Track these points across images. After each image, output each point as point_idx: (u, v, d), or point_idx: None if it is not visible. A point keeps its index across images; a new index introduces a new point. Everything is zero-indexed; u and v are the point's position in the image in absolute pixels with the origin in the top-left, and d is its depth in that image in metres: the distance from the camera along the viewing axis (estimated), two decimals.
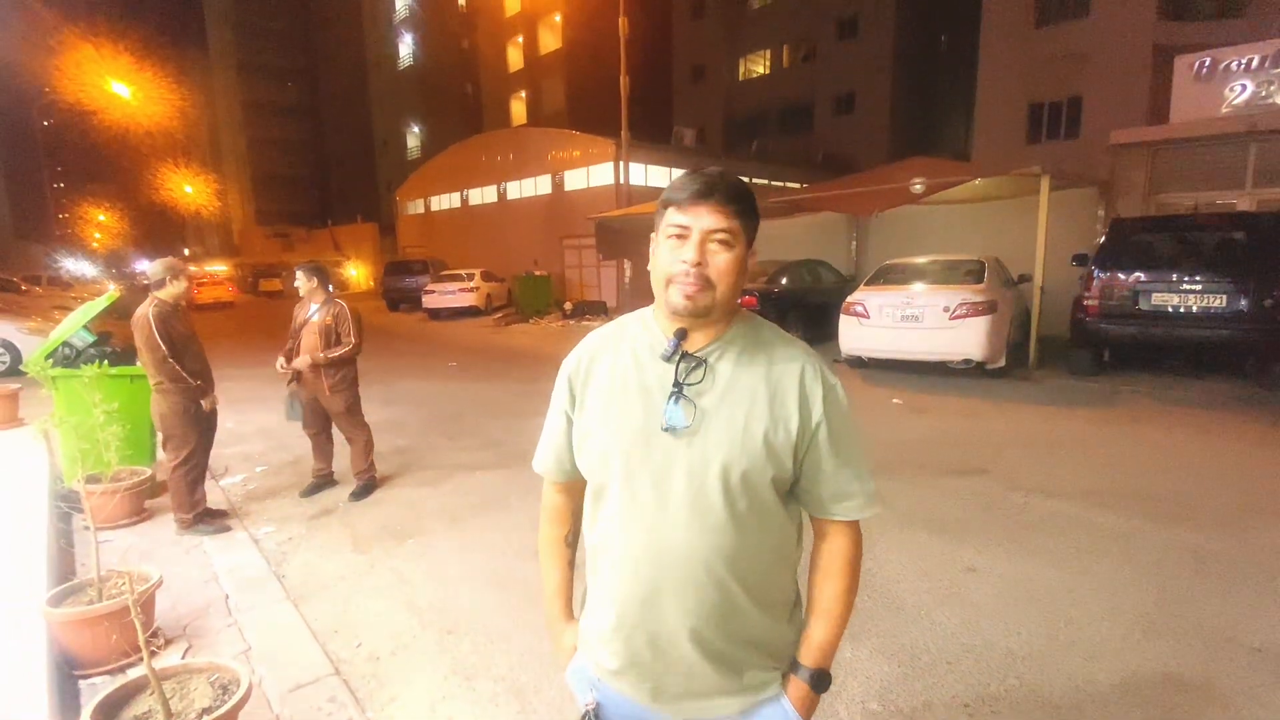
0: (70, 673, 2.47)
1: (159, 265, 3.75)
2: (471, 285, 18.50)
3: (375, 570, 3.40)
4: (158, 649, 2.56)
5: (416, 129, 42.70)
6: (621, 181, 18.28)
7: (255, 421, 6.43)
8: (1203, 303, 6.59)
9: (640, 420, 1.03)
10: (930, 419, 6.15)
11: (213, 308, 23.75)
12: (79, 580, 2.70)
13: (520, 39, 34.45)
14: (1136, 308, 6.90)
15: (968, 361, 7.31)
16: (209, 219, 56.27)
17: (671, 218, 1.02)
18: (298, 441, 5.67)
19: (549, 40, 32.98)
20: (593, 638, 1.15)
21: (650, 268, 1.07)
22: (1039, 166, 8.16)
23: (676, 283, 1.00)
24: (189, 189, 49.25)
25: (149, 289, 3.74)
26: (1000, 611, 2.84)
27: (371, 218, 39.99)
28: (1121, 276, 7.02)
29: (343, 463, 4.67)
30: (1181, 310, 6.68)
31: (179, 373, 3.60)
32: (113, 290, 8.14)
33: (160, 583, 2.65)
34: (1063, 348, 8.16)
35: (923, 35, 26.49)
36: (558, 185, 21.84)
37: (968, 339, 7.14)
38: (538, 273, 19.22)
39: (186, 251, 54.14)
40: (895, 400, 6.88)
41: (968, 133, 21.37)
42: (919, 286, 7.76)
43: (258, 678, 2.45)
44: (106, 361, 4.17)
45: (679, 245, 1.01)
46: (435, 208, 29.05)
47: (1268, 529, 3.58)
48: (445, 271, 20.17)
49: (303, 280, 4.33)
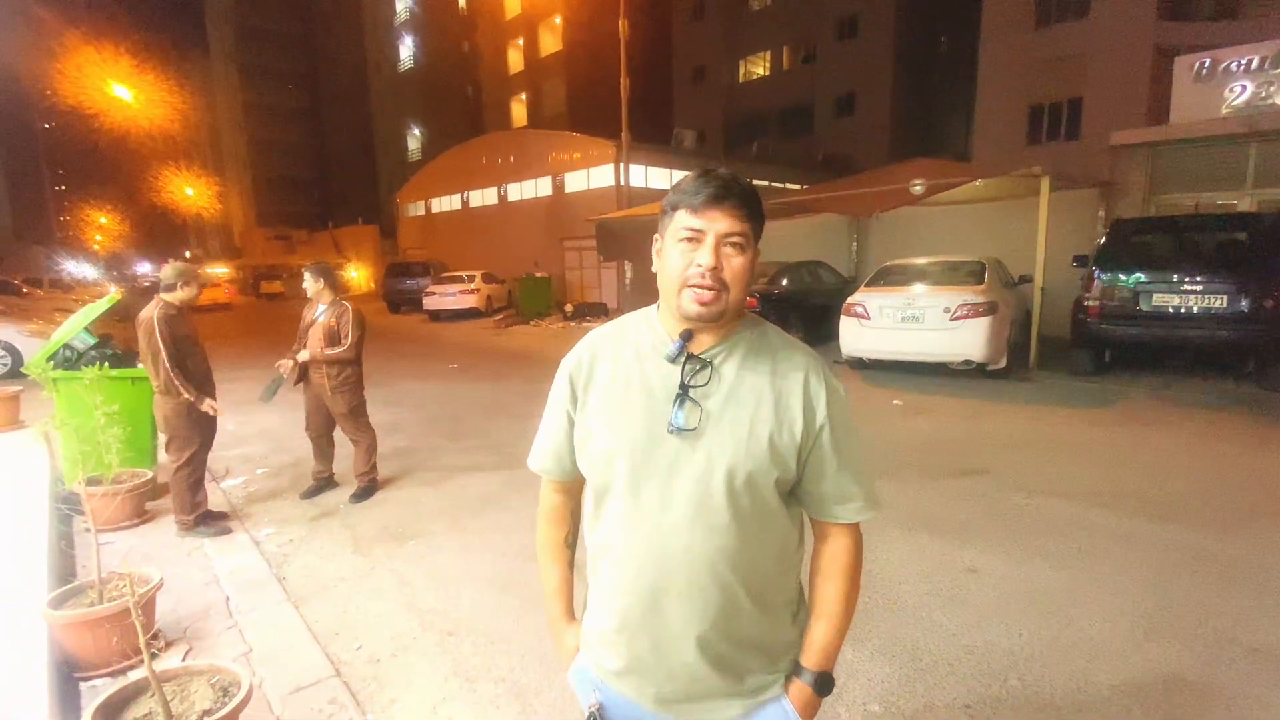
0: (71, 675, 2.47)
1: (172, 269, 3.76)
2: (472, 287, 18.53)
3: (376, 572, 3.40)
4: (158, 651, 2.56)
5: (417, 131, 42.79)
6: (622, 183, 18.30)
7: (256, 424, 6.43)
8: (1203, 303, 6.59)
9: (644, 421, 1.03)
10: (931, 420, 6.15)
11: (209, 309, 23.69)
12: (80, 582, 2.70)
13: (521, 41, 34.55)
14: (1137, 308, 6.90)
15: (968, 362, 7.30)
16: (210, 221, 56.41)
17: (684, 221, 1.00)
18: (299, 444, 5.68)
19: (549, 42, 33.06)
20: (595, 639, 1.14)
21: (657, 270, 1.06)
22: (1039, 167, 8.17)
23: (691, 287, 0.99)
24: (190, 191, 49.36)
25: (156, 291, 3.74)
26: (1001, 613, 2.84)
27: (372, 220, 40.04)
28: (1122, 277, 7.01)
29: (343, 465, 4.67)
30: (1182, 311, 6.67)
31: (172, 381, 3.61)
32: (114, 292, 8.16)
33: (161, 585, 2.65)
34: (1063, 348, 8.15)
35: (923, 36, 26.52)
36: (558, 187, 21.87)
37: (968, 340, 7.13)
38: (538, 274, 19.24)
39: (188, 254, 54.20)
40: (896, 401, 6.88)
41: (968, 134, 21.40)
42: (919, 288, 7.75)
43: (258, 680, 2.45)
44: (107, 364, 4.18)
45: (692, 249, 0.99)
46: (436, 210, 29.08)
47: (1269, 529, 3.58)
48: (446, 273, 20.19)
49: (310, 282, 4.35)
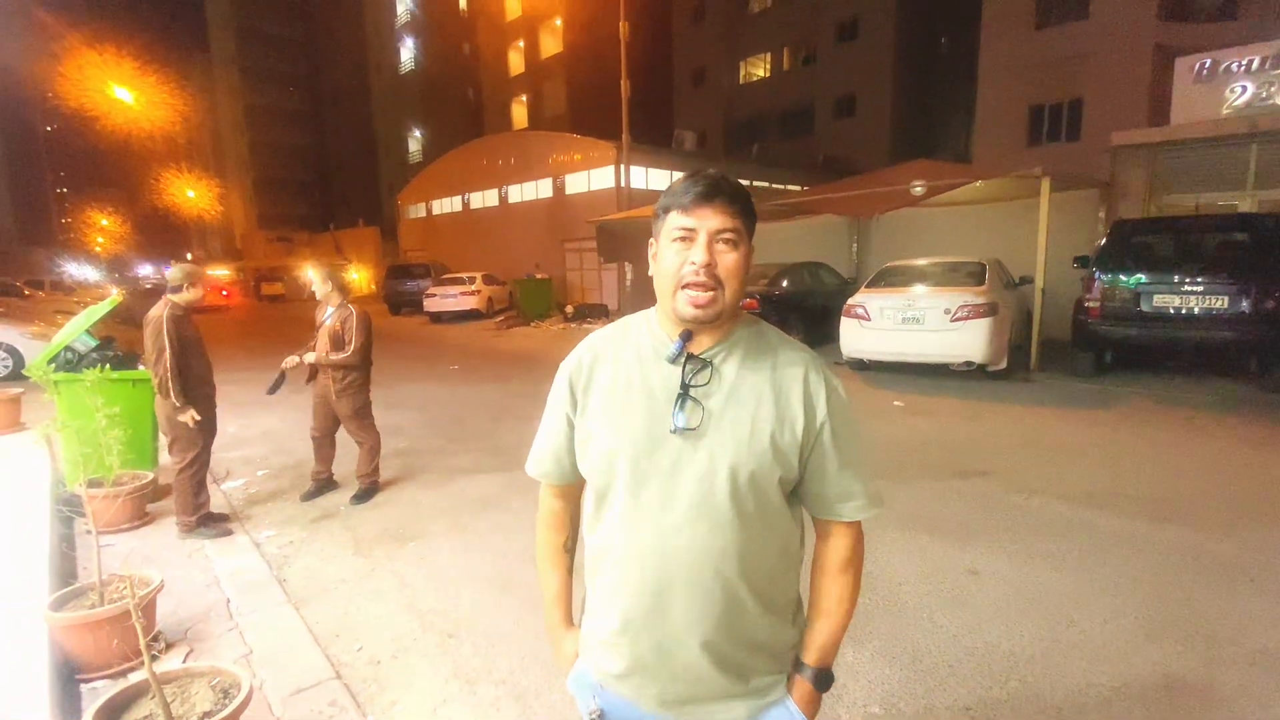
0: (72, 676, 2.47)
1: (179, 270, 3.81)
2: (473, 289, 18.54)
3: (376, 573, 3.40)
4: (159, 653, 2.56)
5: (418, 133, 42.84)
6: (622, 185, 18.32)
7: (257, 425, 6.44)
8: (1204, 304, 6.57)
9: (646, 422, 1.03)
10: (932, 421, 6.14)
11: (207, 311, 23.61)
12: (81, 584, 2.70)
13: (521, 43, 34.61)
14: (1138, 309, 6.89)
15: (969, 364, 7.29)
16: (211, 223, 56.47)
17: (675, 221, 1.01)
18: (299, 445, 5.69)
19: (550, 44, 33.11)
20: (596, 642, 1.14)
21: (653, 274, 1.06)
22: (1040, 168, 8.16)
23: (686, 287, 1.00)
24: (191, 193, 49.44)
25: (158, 292, 3.77)
26: (1002, 614, 2.83)
27: (373, 222, 40.09)
28: (1123, 278, 7.00)
29: (343, 466, 4.67)
30: (1183, 312, 6.66)
31: (165, 382, 3.62)
32: (115, 295, 8.17)
33: (161, 587, 2.65)
34: (1064, 350, 8.14)
35: (923, 37, 26.54)
36: (559, 189, 21.89)
37: (969, 341, 7.13)
38: (539, 276, 19.26)
39: (189, 256, 54.31)
40: (897, 402, 6.88)
41: (968, 135, 21.41)
42: (920, 289, 7.75)
43: (259, 681, 2.45)
44: (109, 366, 4.19)
45: (685, 247, 1.00)
46: (437, 211, 29.11)
47: (1270, 531, 3.58)
48: (446, 275, 20.21)
49: (319, 284, 4.39)
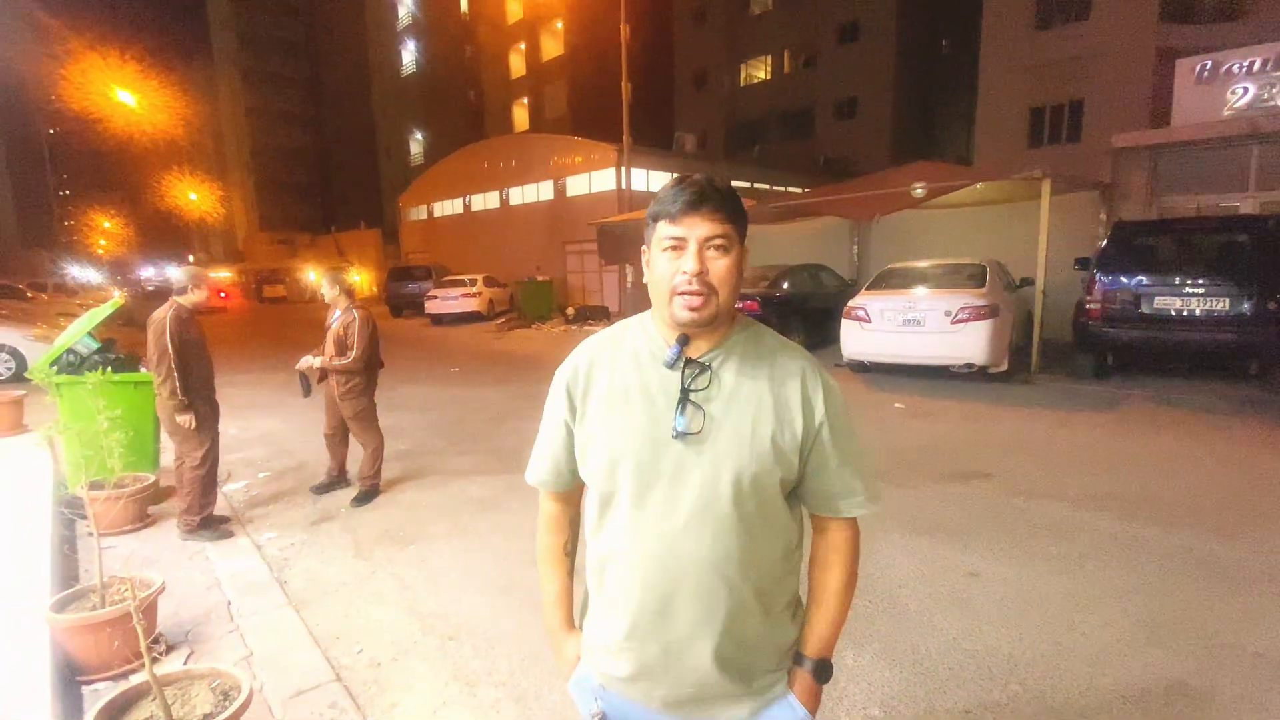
0: (73, 678, 2.48)
1: (185, 273, 3.86)
2: (474, 291, 18.57)
3: (377, 576, 3.41)
4: (160, 655, 2.57)
5: (419, 135, 42.92)
6: (623, 187, 18.35)
7: (258, 427, 6.45)
8: (1206, 306, 6.57)
9: (647, 427, 1.03)
10: (932, 423, 6.14)
11: (205, 313, 23.53)
12: (82, 586, 2.71)
13: (523, 46, 34.69)
14: (1139, 311, 6.88)
15: (970, 366, 7.29)
16: (213, 225, 56.55)
17: (665, 230, 1.01)
18: (300, 447, 5.70)
19: (551, 47, 33.18)
20: (599, 646, 1.14)
21: (647, 281, 1.07)
22: (1040, 170, 8.17)
23: (680, 294, 1.00)
24: (193, 196, 49.54)
25: (160, 295, 3.79)
26: (1003, 617, 2.83)
27: (375, 224, 40.11)
28: (1124, 280, 7.00)
29: (354, 466, 4.70)
30: (1184, 314, 6.66)
31: (168, 383, 3.63)
32: (117, 297, 8.20)
33: (162, 589, 2.66)
34: (1065, 351, 8.14)
35: (924, 39, 26.56)
36: (560, 191, 21.92)
37: (970, 343, 7.13)
38: (540, 278, 19.28)
39: (191, 258, 54.40)
40: (897, 404, 6.87)
41: (969, 137, 21.41)
42: (921, 291, 7.75)
43: (259, 683, 2.45)
44: (110, 368, 4.21)
45: (676, 256, 1.01)
46: (438, 214, 29.16)
47: (1271, 533, 3.57)
48: (448, 277, 20.24)
49: (326, 288, 4.47)
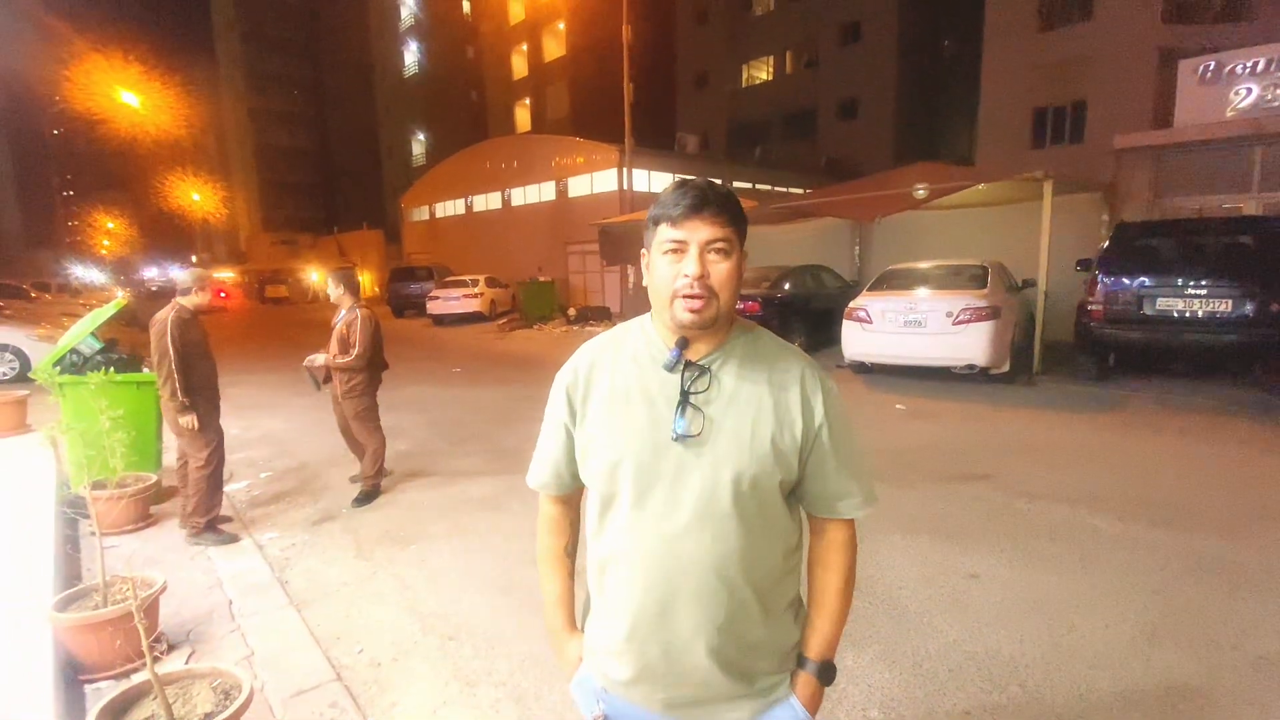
0: (75, 677, 2.49)
1: (189, 274, 3.90)
2: (476, 291, 18.59)
3: (377, 576, 3.41)
4: (161, 654, 2.58)
5: (422, 136, 43.00)
6: (625, 188, 18.37)
7: (260, 428, 6.47)
8: (1208, 307, 6.55)
9: (647, 430, 1.04)
10: (933, 424, 6.13)
11: (205, 313, 23.51)
12: (84, 585, 2.72)
13: (525, 47, 34.73)
14: (1141, 312, 6.86)
15: (971, 367, 7.28)
16: (216, 226, 56.67)
17: (666, 233, 1.02)
18: (302, 448, 5.72)
19: (553, 48, 33.21)
20: (600, 648, 1.14)
21: (647, 284, 1.07)
22: (1042, 171, 8.15)
23: (681, 298, 1.00)
24: (196, 197, 49.62)
25: (162, 295, 3.81)
26: (1003, 618, 2.83)
27: (377, 225, 40.16)
28: (1126, 281, 6.98)
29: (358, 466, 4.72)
30: (1187, 315, 6.64)
31: (169, 384, 3.64)
32: (120, 297, 8.23)
33: (164, 588, 2.67)
34: (1067, 353, 8.12)
35: (926, 40, 26.55)
36: (561, 192, 21.94)
37: (971, 344, 7.12)
38: (542, 279, 19.30)
39: (194, 259, 54.54)
40: (899, 406, 6.87)
41: (971, 137, 21.38)
42: (922, 292, 7.74)
43: (260, 683, 2.46)
44: (113, 368, 4.23)
45: (677, 259, 1.01)
46: (440, 214, 29.20)
47: (1274, 535, 3.56)
48: (450, 278, 20.26)
49: (332, 288, 4.50)
